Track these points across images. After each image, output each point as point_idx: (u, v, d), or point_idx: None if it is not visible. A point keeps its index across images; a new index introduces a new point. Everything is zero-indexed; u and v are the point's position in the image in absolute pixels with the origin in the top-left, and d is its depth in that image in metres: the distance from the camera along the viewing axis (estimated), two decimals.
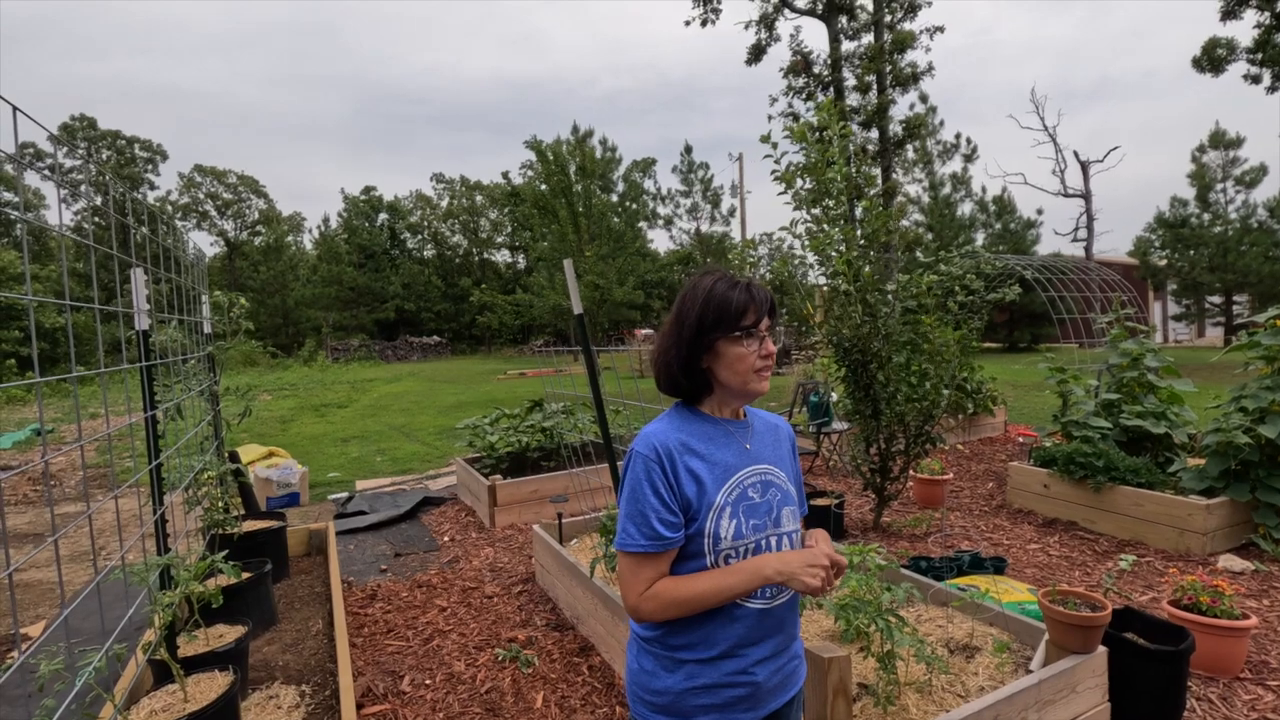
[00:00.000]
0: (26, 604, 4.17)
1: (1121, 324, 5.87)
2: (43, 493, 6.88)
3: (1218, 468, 4.30)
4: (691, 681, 1.28)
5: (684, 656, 1.29)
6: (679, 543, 1.26)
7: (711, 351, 1.29)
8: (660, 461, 1.25)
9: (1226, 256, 20.86)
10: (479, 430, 6.68)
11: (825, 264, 4.60)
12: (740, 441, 1.34)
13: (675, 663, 1.29)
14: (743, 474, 1.31)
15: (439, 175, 47.55)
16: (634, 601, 1.26)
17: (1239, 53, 18.77)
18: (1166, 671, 2.48)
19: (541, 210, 29.33)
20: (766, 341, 1.30)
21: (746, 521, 1.29)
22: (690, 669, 1.28)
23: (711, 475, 1.28)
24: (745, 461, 1.32)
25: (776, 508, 1.33)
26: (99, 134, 40.13)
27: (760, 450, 1.37)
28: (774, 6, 18.81)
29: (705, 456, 1.29)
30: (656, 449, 1.26)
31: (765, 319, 1.30)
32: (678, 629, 1.29)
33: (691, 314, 1.29)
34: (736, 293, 1.28)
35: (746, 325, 1.28)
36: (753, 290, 1.30)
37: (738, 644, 1.28)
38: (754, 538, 1.29)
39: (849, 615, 2.41)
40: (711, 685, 1.27)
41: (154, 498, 2.64)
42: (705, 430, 1.32)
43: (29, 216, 1.81)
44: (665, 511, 1.24)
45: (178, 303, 3.41)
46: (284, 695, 2.71)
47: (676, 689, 1.28)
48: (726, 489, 1.28)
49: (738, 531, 1.27)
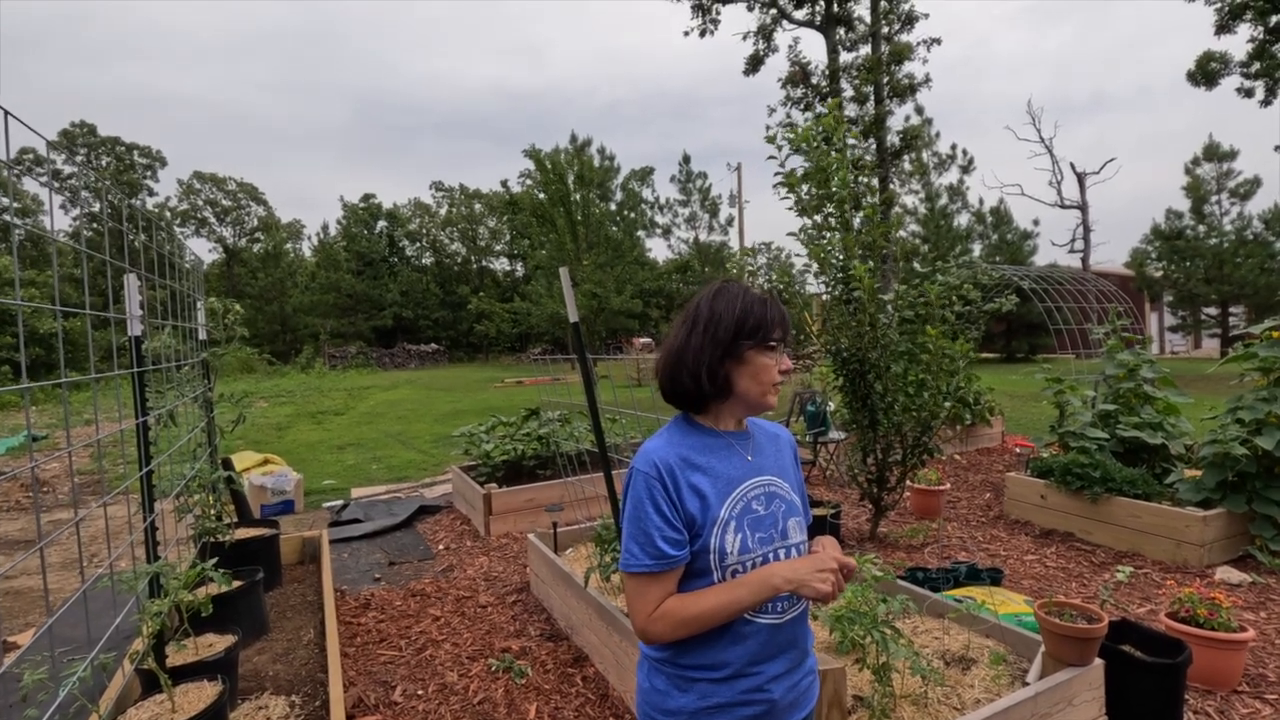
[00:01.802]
0: (17, 611, 4.13)
1: (1118, 335, 5.88)
2: (34, 499, 6.83)
3: (1214, 479, 4.29)
4: (705, 701, 1.24)
5: (696, 675, 1.25)
6: (685, 560, 1.24)
7: (738, 359, 1.28)
8: (661, 478, 1.23)
9: (1222, 268, 20.97)
10: (475, 438, 6.65)
11: (825, 271, 4.61)
12: (742, 453, 1.32)
13: (688, 681, 1.26)
14: (746, 486, 1.29)
15: (438, 183, 47.69)
16: (642, 624, 1.23)
17: (1233, 66, 18.96)
18: (1164, 684, 2.46)
19: (540, 219, 29.41)
20: (785, 358, 1.32)
21: (752, 535, 1.26)
22: (703, 688, 1.25)
23: (714, 489, 1.25)
24: (748, 474, 1.30)
25: (782, 519, 1.31)
26: (98, 140, 40.23)
27: (763, 461, 1.34)
28: (772, 18, 18.99)
29: (707, 470, 1.27)
30: (657, 465, 1.24)
31: (786, 336, 1.32)
32: (688, 647, 1.26)
33: (729, 317, 1.27)
34: (770, 306, 1.30)
35: (776, 337, 1.29)
36: (780, 307, 1.32)
37: (750, 661, 1.25)
38: (761, 551, 1.26)
39: (844, 626, 2.39)
40: (726, 704, 1.24)
41: (144, 505, 2.62)
42: (707, 443, 1.30)
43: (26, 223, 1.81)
44: (669, 529, 1.21)
45: (173, 309, 3.40)
46: (273, 706, 2.68)
47: (690, 709, 1.25)
48: (730, 503, 1.26)
49: (743, 545, 1.25)
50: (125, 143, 41.26)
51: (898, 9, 17.98)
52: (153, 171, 42.45)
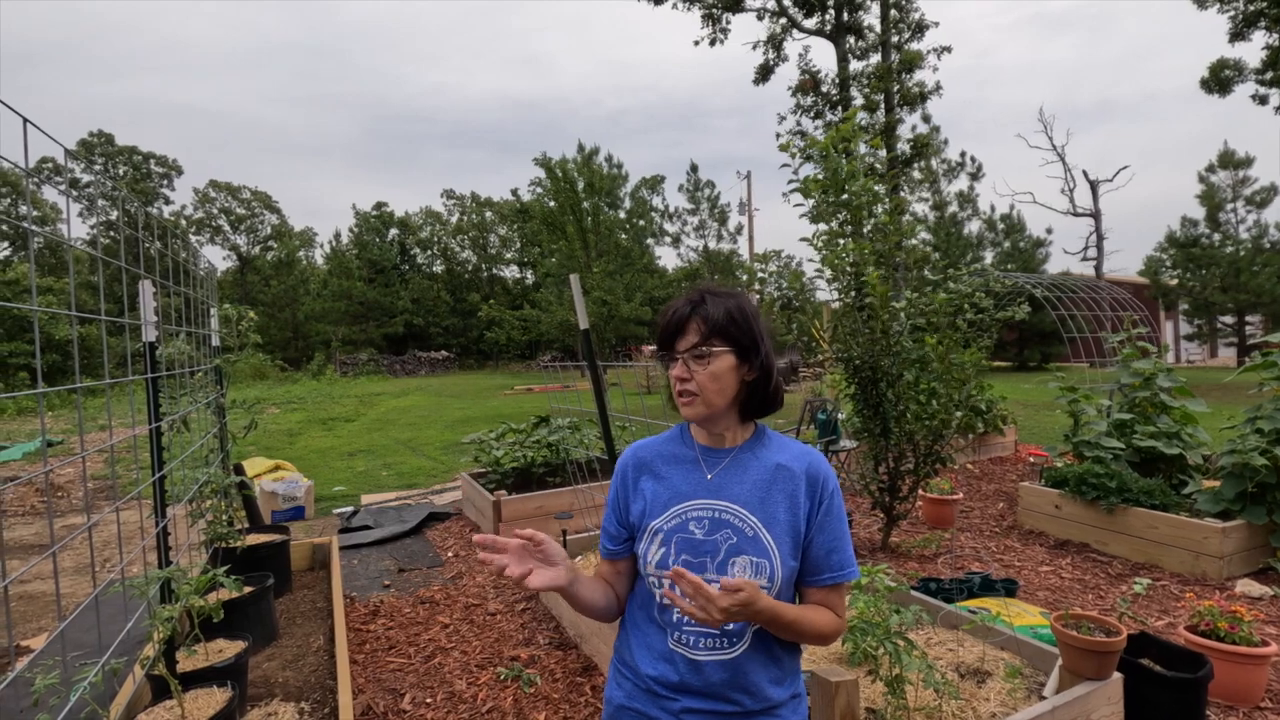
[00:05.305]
0: (30, 615, 4.15)
1: (1133, 343, 5.81)
2: (47, 504, 6.89)
3: (1234, 490, 4.22)
4: (630, 701, 1.26)
5: (626, 673, 1.29)
6: (621, 554, 1.31)
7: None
8: (624, 474, 1.33)
9: (1239, 276, 20.75)
10: (485, 445, 6.66)
11: (838, 278, 4.59)
12: (704, 471, 1.26)
13: (621, 676, 1.30)
14: (689, 505, 1.23)
15: (449, 191, 48.01)
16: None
17: (1247, 74, 18.82)
18: (1184, 699, 2.41)
19: (550, 226, 29.51)
20: (677, 366, 1.21)
21: (677, 555, 1.20)
22: (630, 689, 1.27)
23: (658, 498, 1.26)
24: (698, 493, 1.23)
25: (726, 552, 1.19)
26: (116, 150, 40.78)
27: (727, 485, 1.23)
28: (782, 27, 19.03)
29: (661, 478, 1.28)
30: (623, 463, 1.34)
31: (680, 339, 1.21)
32: (623, 644, 1.31)
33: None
34: (665, 312, 1.28)
35: (663, 345, 1.26)
36: (674, 310, 1.24)
37: (670, 685, 1.20)
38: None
39: (856, 637, 2.37)
40: (644, 713, 1.23)
41: (157, 510, 2.63)
42: (677, 453, 1.31)
43: (45, 230, 1.84)
44: (611, 524, 1.32)
45: (187, 315, 3.43)
46: (282, 712, 2.67)
47: (616, 702, 1.28)
48: (667, 515, 1.23)
49: (662, 561, 1.20)
50: (142, 152, 41.79)
51: (908, 17, 18.00)
52: (169, 180, 42.94)
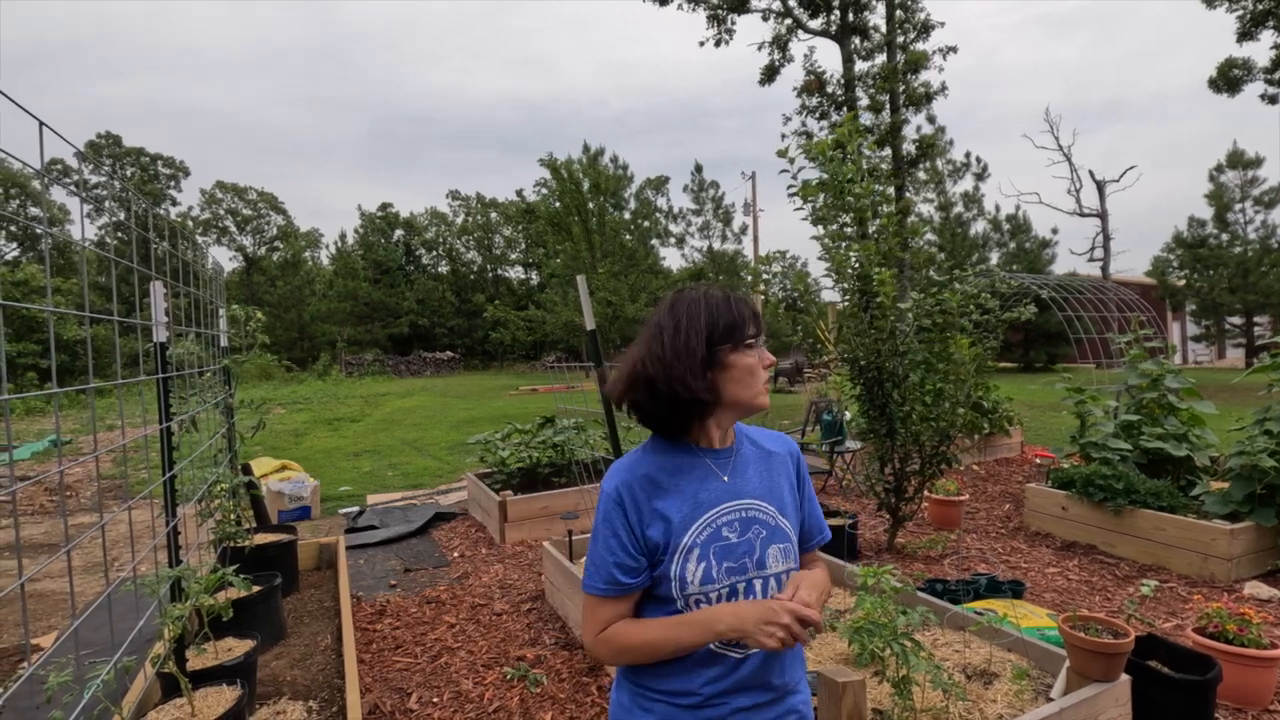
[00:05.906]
0: (41, 614, 4.19)
1: (1140, 344, 5.79)
2: (59, 503, 6.94)
3: (1242, 491, 4.20)
4: None
5: (657, 697, 1.19)
6: (639, 586, 1.19)
7: (720, 366, 1.18)
8: (622, 502, 1.17)
9: (1247, 277, 20.62)
10: (490, 445, 6.68)
11: (844, 279, 4.59)
12: (718, 474, 1.23)
13: (650, 701, 1.20)
14: (717, 511, 1.20)
15: (454, 192, 48.10)
16: (590, 642, 1.21)
17: (1256, 73, 18.73)
18: (1193, 702, 2.41)
19: (555, 227, 29.53)
20: (765, 352, 1.24)
21: (719, 564, 1.17)
22: (665, 711, 1.18)
23: (680, 514, 1.17)
24: (722, 497, 1.21)
25: (760, 548, 1.20)
26: (124, 151, 41.04)
27: (743, 483, 1.24)
28: (787, 28, 19.00)
29: (674, 492, 1.19)
30: (619, 489, 1.18)
31: (761, 329, 1.25)
32: (651, 668, 1.20)
33: (697, 324, 1.18)
34: (735, 303, 1.21)
35: (752, 334, 1.20)
36: (746, 301, 1.24)
37: (716, 692, 1.17)
38: (727, 582, 1.17)
39: (863, 638, 2.37)
40: None
41: (167, 510, 2.65)
42: (679, 462, 1.22)
43: (54, 231, 1.86)
44: (624, 555, 1.16)
45: (195, 316, 3.45)
46: (291, 711, 2.69)
47: None
48: (696, 528, 1.17)
49: (706, 576, 1.16)
50: (150, 153, 42.05)
51: (913, 18, 17.96)
52: (176, 181, 43.18)
